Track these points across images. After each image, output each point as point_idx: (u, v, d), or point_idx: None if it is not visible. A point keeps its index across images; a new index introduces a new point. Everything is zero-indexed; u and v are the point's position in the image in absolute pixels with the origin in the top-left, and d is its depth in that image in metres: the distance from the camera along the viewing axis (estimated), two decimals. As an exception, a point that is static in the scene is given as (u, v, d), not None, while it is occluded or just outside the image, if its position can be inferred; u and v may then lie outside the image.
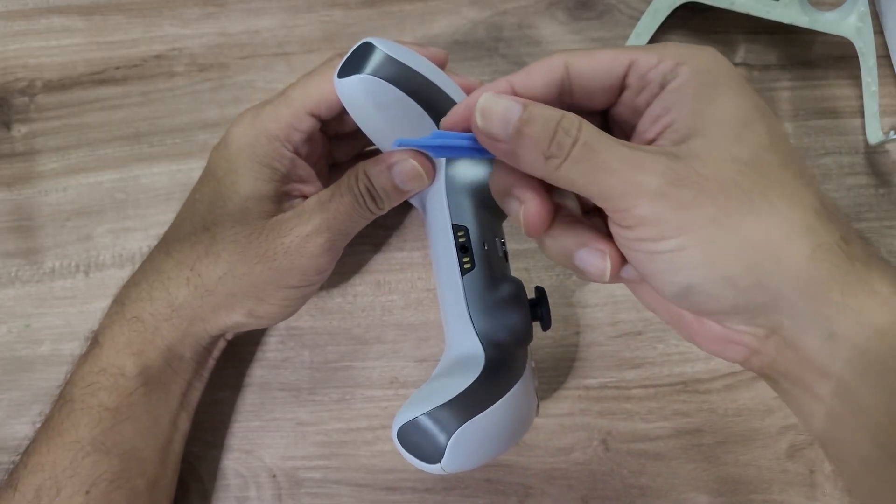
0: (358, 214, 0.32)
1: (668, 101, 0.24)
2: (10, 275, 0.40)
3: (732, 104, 0.23)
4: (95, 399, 0.31)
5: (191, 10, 0.44)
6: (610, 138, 0.23)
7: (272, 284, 0.32)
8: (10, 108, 0.43)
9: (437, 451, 0.28)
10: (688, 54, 0.24)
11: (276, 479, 0.37)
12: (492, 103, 0.24)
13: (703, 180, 0.22)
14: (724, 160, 0.22)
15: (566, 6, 0.44)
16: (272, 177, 0.32)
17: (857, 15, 0.40)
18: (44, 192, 0.41)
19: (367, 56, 0.28)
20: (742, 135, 0.23)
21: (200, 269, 0.32)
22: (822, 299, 0.22)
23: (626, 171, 0.22)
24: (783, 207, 0.22)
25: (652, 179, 0.22)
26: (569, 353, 0.39)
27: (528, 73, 0.25)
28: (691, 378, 0.38)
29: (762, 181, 0.22)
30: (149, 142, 0.42)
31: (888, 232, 0.41)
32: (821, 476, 0.37)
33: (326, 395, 0.38)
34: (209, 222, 0.32)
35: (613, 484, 0.37)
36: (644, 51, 0.25)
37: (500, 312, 0.31)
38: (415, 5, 0.44)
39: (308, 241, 0.31)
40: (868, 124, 0.41)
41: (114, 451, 0.31)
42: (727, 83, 0.23)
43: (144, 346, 0.32)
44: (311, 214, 0.32)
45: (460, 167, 0.31)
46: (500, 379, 0.30)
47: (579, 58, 0.25)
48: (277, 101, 0.33)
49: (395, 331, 0.39)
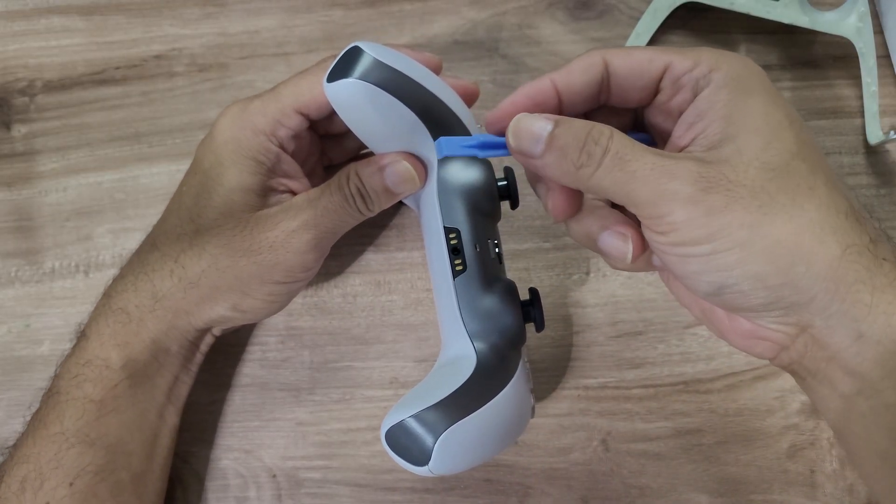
0: (347, 214, 0.32)
1: (700, 107, 0.25)
2: (10, 275, 0.40)
3: (762, 112, 0.24)
4: (80, 391, 0.31)
5: (191, 10, 0.44)
6: (640, 146, 0.24)
7: (256, 279, 0.32)
8: (10, 109, 0.43)
9: (423, 453, 0.28)
10: (722, 60, 0.25)
11: (275, 479, 0.37)
12: (524, 123, 0.25)
13: (733, 186, 0.23)
14: (754, 166, 0.23)
15: (566, 6, 0.44)
16: (257, 170, 0.32)
17: (857, 15, 0.40)
18: (44, 192, 0.41)
19: (355, 60, 0.28)
20: (771, 142, 0.23)
21: (184, 261, 0.32)
22: (852, 300, 0.23)
23: (658, 178, 0.23)
24: (812, 210, 0.23)
25: (683, 187, 0.23)
26: (569, 353, 0.39)
27: (569, 70, 0.26)
28: (692, 378, 0.38)
29: (792, 186, 0.23)
30: (149, 142, 0.42)
31: (889, 232, 0.41)
32: (821, 476, 0.37)
33: (326, 395, 0.38)
34: (194, 214, 0.32)
35: (613, 484, 0.37)
36: (680, 54, 0.25)
37: (491, 314, 0.31)
38: (414, 5, 0.44)
39: (293, 237, 0.31)
40: (868, 124, 0.41)
41: (98, 443, 0.31)
42: (759, 91, 0.24)
43: (129, 338, 0.32)
44: (298, 210, 0.32)
45: (453, 169, 0.31)
46: (491, 381, 0.30)
47: (618, 56, 0.26)
48: (266, 96, 0.33)
49: (395, 331, 0.39)
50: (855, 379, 0.24)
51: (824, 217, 0.23)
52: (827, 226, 0.23)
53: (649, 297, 0.39)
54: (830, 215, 0.23)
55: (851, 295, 0.23)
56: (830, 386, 0.25)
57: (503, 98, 0.27)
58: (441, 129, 0.30)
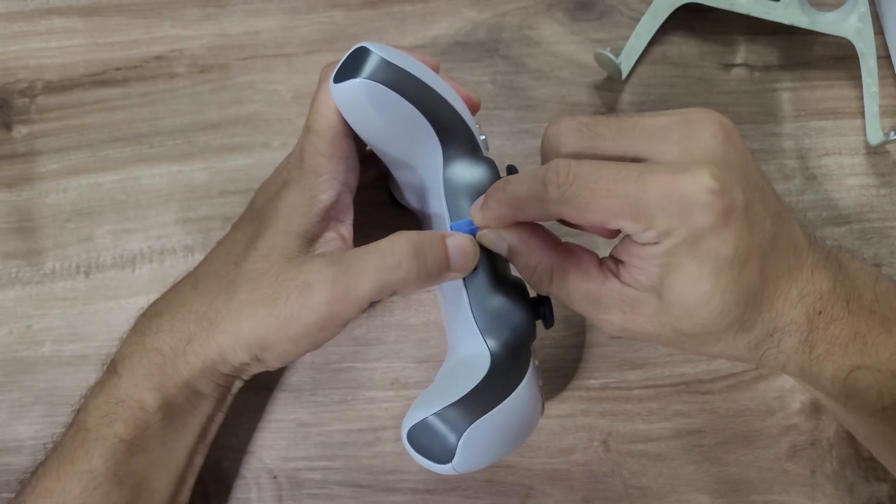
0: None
1: (642, 259, 0.26)
2: (11, 276, 0.40)
3: (691, 285, 0.26)
4: (111, 430, 0.30)
5: (191, 11, 0.44)
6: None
7: (274, 332, 0.29)
8: (11, 110, 0.43)
9: (447, 451, 0.28)
10: (677, 222, 0.25)
11: (276, 480, 0.37)
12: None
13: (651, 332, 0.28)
14: (669, 328, 0.27)
15: (566, 7, 0.44)
16: (310, 208, 0.31)
17: (857, 16, 0.40)
18: (44, 193, 0.41)
19: (363, 60, 0.28)
20: (693, 313, 0.26)
21: (218, 305, 0.30)
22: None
23: (592, 308, 0.29)
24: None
25: (613, 316, 0.29)
26: (570, 354, 0.39)
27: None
28: (692, 379, 0.38)
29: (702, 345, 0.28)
30: (149, 143, 0.42)
31: (890, 232, 0.41)
32: (822, 476, 0.37)
33: (327, 395, 0.38)
34: (240, 258, 0.31)
35: (614, 485, 0.37)
36: (633, 218, 0.25)
37: (503, 312, 0.31)
38: (415, 6, 0.44)
39: (312, 290, 0.29)
40: (868, 125, 0.41)
41: (126, 482, 0.30)
42: (700, 261, 0.25)
43: (164, 381, 0.31)
44: (330, 262, 0.30)
45: (458, 169, 0.31)
46: (507, 378, 0.30)
47: (570, 213, 0.27)
48: (308, 143, 0.32)
49: (396, 331, 0.39)
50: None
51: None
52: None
53: (650, 297, 0.39)
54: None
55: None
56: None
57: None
58: (446, 130, 0.30)
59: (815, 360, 0.28)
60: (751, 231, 0.25)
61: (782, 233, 0.27)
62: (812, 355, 0.28)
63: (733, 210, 0.25)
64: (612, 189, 0.25)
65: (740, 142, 0.27)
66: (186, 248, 0.40)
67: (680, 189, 0.24)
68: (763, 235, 0.26)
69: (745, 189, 0.25)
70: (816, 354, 0.28)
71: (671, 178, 0.25)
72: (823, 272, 0.28)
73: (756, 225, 0.25)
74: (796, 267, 0.27)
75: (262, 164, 0.41)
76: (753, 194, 0.26)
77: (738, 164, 0.26)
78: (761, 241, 0.26)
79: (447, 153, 0.31)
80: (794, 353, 0.28)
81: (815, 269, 0.28)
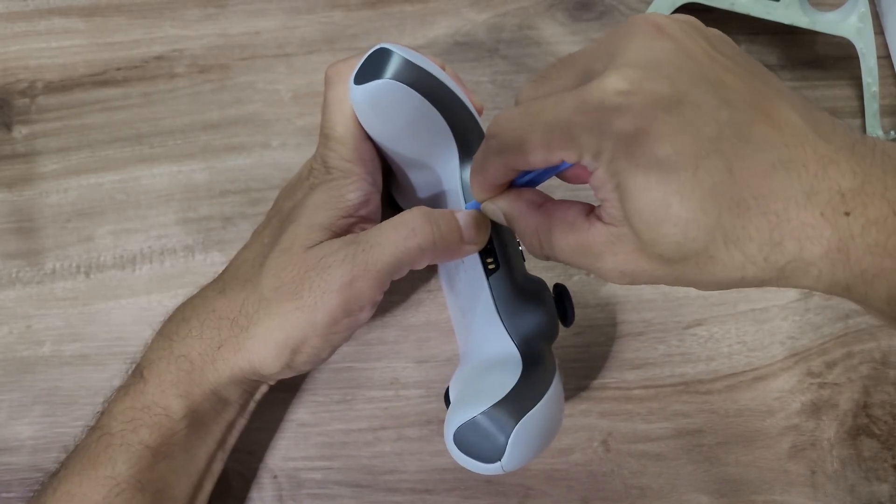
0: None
1: (595, 185, 0.24)
2: (11, 276, 0.40)
3: (644, 200, 0.23)
4: (136, 436, 0.30)
5: (191, 11, 0.44)
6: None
7: (301, 328, 0.29)
8: (11, 110, 0.43)
9: (496, 449, 0.28)
10: (604, 143, 0.23)
11: (277, 480, 0.37)
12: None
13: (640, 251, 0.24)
14: (658, 259, 0.24)
15: (566, 7, 0.44)
16: (336, 204, 0.31)
17: (857, 15, 0.40)
18: (45, 193, 0.42)
19: (385, 61, 0.28)
20: (659, 231, 0.23)
21: (248, 309, 0.30)
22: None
23: (582, 257, 0.26)
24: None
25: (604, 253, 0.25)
26: (569, 354, 0.39)
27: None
28: (692, 379, 0.38)
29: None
30: (150, 143, 0.42)
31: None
32: (822, 476, 0.37)
33: (327, 395, 0.38)
34: (264, 257, 0.31)
35: (614, 485, 0.37)
36: (563, 147, 0.23)
37: (528, 310, 0.31)
38: (415, 6, 0.44)
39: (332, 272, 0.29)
40: (868, 124, 0.41)
41: (148, 488, 0.30)
42: (644, 170, 0.23)
43: (192, 388, 0.31)
44: (348, 242, 0.29)
45: None
46: (541, 375, 0.30)
47: (517, 160, 0.25)
48: (327, 155, 0.32)
49: (396, 331, 0.39)
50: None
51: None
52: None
53: (649, 297, 0.39)
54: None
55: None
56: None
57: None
58: (463, 130, 0.30)
59: (860, 276, 0.22)
60: (694, 124, 0.22)
61: (757, 122, 0.23)
62: (855, 269, 0.22)
63: (656, 106, 0.22)
64: (535, 122, 0.23)
65: (682, 34, 0.23)
66: (186, 248, 0.40)
67: (589, 100, 0.22)
68: (716, 127, 0.22)
69: (678, 81, 0.22)
70: (861, 269, 0.22)
71: (580, 92, 0.22)
72: (843, 166, 0.22)
73: (703, 117, 0.22)
74: (791, 159, 0.22)
75: (262, 164, 0.42)
76: (696, 85, 0.22)
77: (669, 58, 0.23)
78: (715, 133, 0.22)
79: (463, 153, 0.31)
80: (828, 265, 0.22)
81: (830, 163, 0.22)
